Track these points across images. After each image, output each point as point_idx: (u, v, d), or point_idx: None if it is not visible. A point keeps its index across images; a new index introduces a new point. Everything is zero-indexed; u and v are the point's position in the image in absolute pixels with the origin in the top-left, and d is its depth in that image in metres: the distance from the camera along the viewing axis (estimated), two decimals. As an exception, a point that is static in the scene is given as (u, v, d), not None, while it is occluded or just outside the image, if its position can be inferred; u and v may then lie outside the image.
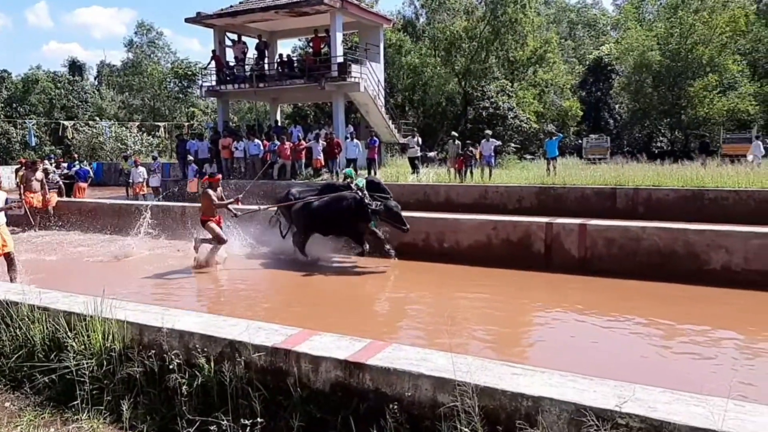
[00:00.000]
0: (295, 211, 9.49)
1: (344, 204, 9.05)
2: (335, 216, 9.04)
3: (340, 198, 9.18)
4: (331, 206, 9.18)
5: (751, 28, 36.44)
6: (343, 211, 8.98)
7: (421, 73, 35.64)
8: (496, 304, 7.17)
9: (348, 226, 9.07)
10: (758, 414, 2.66)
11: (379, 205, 8.82)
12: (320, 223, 9.21)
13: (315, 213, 9.23)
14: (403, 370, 3.34)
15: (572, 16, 51.50)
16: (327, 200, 9.32)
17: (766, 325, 6.01)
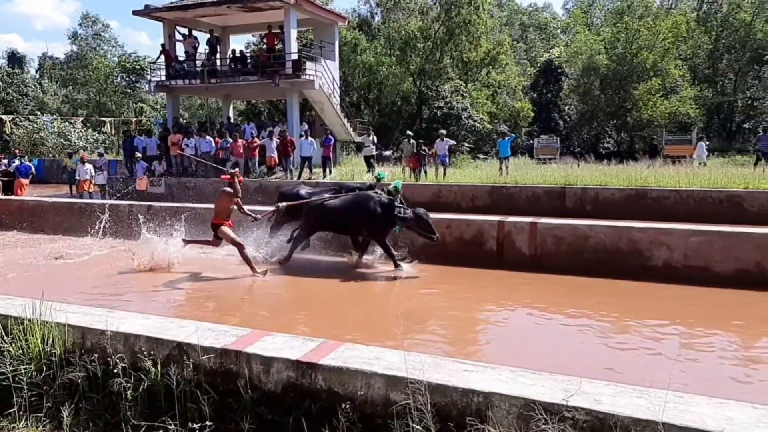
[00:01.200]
0: (310, 209, 8.95)
1: (371, 204, 8.52)
2: (358, 214, 8.54)
3: (368, 197, 8.68)
4: (355, 204, 8.68)
5: (692, 35, 38.16)
6: (369, 211, 8.46)
7: (376, 72, 35.72)
8: (450, 302, 7.24)
9: (370, 228, 8.58)
10: (696, 404, 2.77)
11: (408, 212, 8.38)
12: (338, 220, 8.70)
13: (335, 210, 8.74)
14: (356, 369, 3.33)
15: (524, 18, 52.67)
16: (352, 198, 8.86)
17: (705, 319, 6.29)
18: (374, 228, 8.58)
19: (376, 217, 8.43)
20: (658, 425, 2.58)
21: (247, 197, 15.39)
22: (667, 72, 35.66)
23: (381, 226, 8.50)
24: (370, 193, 8.82)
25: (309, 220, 8.98)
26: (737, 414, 2.66)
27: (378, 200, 8.55)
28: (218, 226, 8.42)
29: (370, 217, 8.46)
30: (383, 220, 8.42)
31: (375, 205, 8.50)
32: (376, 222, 8.48)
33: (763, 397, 4.34)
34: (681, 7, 42.58)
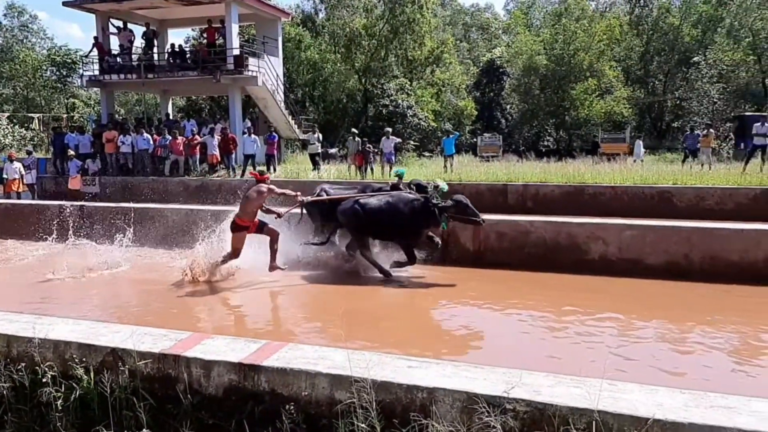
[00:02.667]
0: (345, 211, 8.18)
1: (410, 205, 7.98)
2: (399, 219, 7.89)
3: (406, 198, 8.09)
4: (394, 207, 7.99)
5: (625, 37, 39.85)
6: (409, 214, 7.88)
7: (321, 69, 35.48)
8: (396, 299, 7.28)
9: (411, 231, 7.99)
10: (628, 392, 2.89)
11: (446, 201, 7.86)
12: (377, 226, 8.02)
13: (373, 213, 7.98)
14: (300, 370, 3.29)
15: (467, 19, 53.60)
16: (388, 200, 8.13)
17: (638, 310, 6.57)
18: (412, 232, 7.95)
19: (418, 218, 7.87)
20: (593, 413, 2.67)
21: (187, 196, 15.01)
22: (602, 73, 37.09)
23: (423, 227, 7.95)
24: (406, 193, 8.23)
25: (354, 222, 8.08)
26: (667, 399, 2.79)
27: (414, 200, 7.99)
28: (242, 227, 7.66)
29: (412, 219, 7.86)
30: (426, 220, 7.87)
31: (411, 206, 7.94)
32: (416, 224, 7.90)
33: (690, 382, 4.58)
34: (615, 10, 44.37)
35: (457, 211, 7.86)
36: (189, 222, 9.89)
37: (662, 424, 2.59)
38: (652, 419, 2.60)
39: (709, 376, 4.81)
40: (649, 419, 2.60)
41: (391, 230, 7.99)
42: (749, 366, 5.06)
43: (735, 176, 13.47)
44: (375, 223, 7.98)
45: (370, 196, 8.34)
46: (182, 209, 10.85)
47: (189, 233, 9.06)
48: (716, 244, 7.79)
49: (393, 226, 7.94)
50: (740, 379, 4.74)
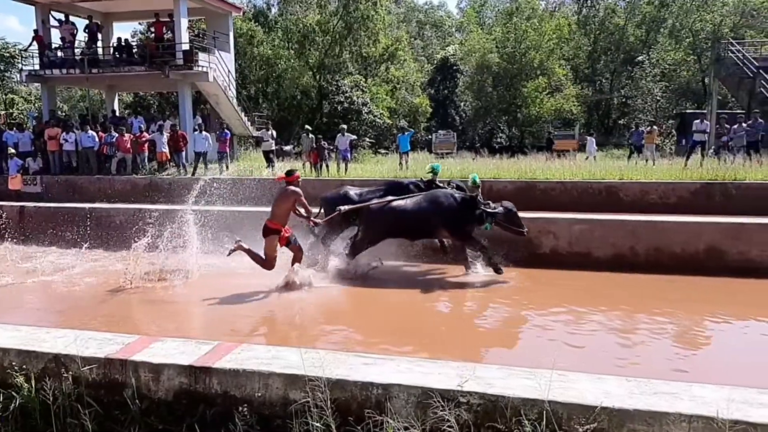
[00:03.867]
0: (374, 212, 7.93)
1: (450, 202, 7.77)
2: (437, 215, 7.73)
3: (445, 195, 7.92)
4: (432, 203, 7.82)
5: (573, 37, 40.93)
6: (450, 210, 7.72)
7: (274, 65, 35.02)
8: (347, 297, 7.26)
9: (452, 229, 7.82)
10: (577, 381, 2.96)
11: (497, 207, 7.75)
12: (413, 224, 7.78)
13: (409, 212, 7.78)
14: (253, 371, 3.24)
15: (420, 16, 53.85)
16: (426, 197, 7.96)
17: (587, 301, 6.77)
18: (457, 229, 7.77)
19: (458, 216, 7.67)
20: (544, 403, 2.72)
21: (136, 196, 14.54)
22: (552, 71, 38.00)
23: (465, 226, 7.76)
24: (446, 191, 8.07)
25: (376, 226, 7.86)
26: (613, 387, 2.87)
27: (457, 197, 7.81)
28: (274, 231, 7.20)
29: (452, 217, 7.67)
30: (467, 218, 7.71)
31: (455, 203, 7.75)
32: (459, 222, 7.72)
33: (637, 370, 4.74)
34: (563, 10, 45.52)
35: (505, 218, 7.76)
36: (137, 222, 9.58)
37: (609, 411, 2.67)
38: (599, 407, 2.67)
39: (655, 363, 4.99)
40: (596, 407, 2.67)
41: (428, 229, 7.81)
42: (691, 353, 5.29)
43: (677, 171, 14.03)
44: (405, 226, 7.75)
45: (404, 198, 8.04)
46: (130, 209, 10.51)
47: (137, 234, 8.78)
48: (660, 237, 8.11)
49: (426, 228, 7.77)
50: (683, 365, 4.94)
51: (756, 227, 8.03)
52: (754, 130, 16.13)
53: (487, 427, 2.84)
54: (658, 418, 2.61)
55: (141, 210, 10.25)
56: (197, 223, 8.70)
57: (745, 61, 23.65)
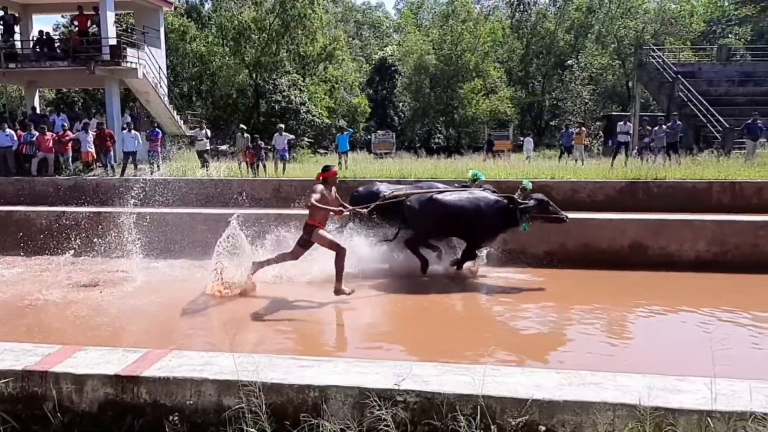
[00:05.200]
0: (416, 209, 7.69)
1: (489, 205, 7.64)
2: (479, 218, 7.54)
3: (485, 197, 7.75)
4: (473, 206, 7.62)
5: (507, 40, 42.14)
6: (490, 214, 7.55)
7: (208, 63, 34.08)
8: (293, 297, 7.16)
9: (491, 232, 7.68)
10: (510, 375, 3.04)
11: (527, 201, 7.57)
12: (456, 222, 7.60)
13: (457, 208, 7.59)
14: (185, 378, 3.13)
15: (358, 16, 53.89)
16: (468, 197, 7.76)
17: (522, 297, 6.98)
18: (486, 232, 7.66)
19: (498, 220, 7.57)
20: (479, 398, 2.77)
21: (59, 198, 13.77)
22: (487, 73, 38.99)
23: (502, 229, 7.68)
24: (485, 193, 7.88)
25: (424, 221, 7.63)
26: (544, 380, 2.97)
27: (501, 200, 7.68)
28: (313, 227, 6.91)
29: (489, 218, 7.55)
30: (505, 223, 7.61)
31: (500, 206, 7.62)
32: (496, 227, 7.63)
33: (564, 363, 4.92)
34: (497, 14, 46.79)
35: (539, 210, 7.61)
36: (60, 226, 9.10)
37: (540, 403, 2.75)
38: (530, 400, 2.75)
39: (583, 354, 5.20)
40: (528, 400, 2.75)
41: (468, 229, 7.64)
42: (617, 343, 5.55)
43: (604, 171, 14.67)
44: (451, 221, 7.61)
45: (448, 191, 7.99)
46: (53, 212, 9.95)
47: (60, 238, 8.32)
48: (588, 233, 8.46)
49: (471, 226, 7.59)
50: (609, 356, 5.17)
51: (675, 224, 8.54)
52: (673, 131, 17.12)
53: (424, 425, 2.86)
54: (585, 407, 2.71)
55: (65, 213, 9.72)
56: (136, 226, 8.37)
57: (665, 66, 25.12)
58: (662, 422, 2.60)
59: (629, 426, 2.62)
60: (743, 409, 2.55)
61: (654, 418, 2.59)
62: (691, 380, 2.91)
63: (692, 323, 5.93)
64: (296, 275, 7.74)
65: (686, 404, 2.66)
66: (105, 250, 8.68)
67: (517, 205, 7.51)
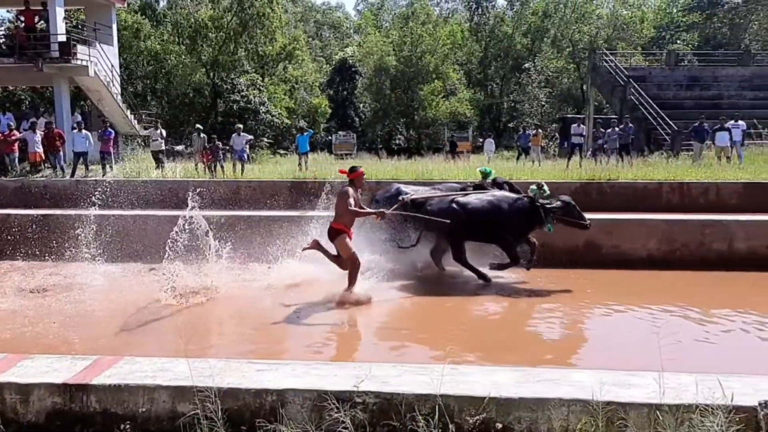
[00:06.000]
0: (440, 212, 7.49)
1: (513, 205, 7.58)
2: (503, 219, 7.49)
3: (508, 197, 7.72)
4: (497, 207, 7.57)
5: (466, 43, 42.66)
6: (514, 214, 7.50)
7: (163, 61, 33.27)
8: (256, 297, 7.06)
9: (517, 232, 7.60)
10: (468, 374, 3.07)
11: (554, 202, 7.51)
12: (478, 228, 7.50)
13: (475, 214, 7.51)
14: (137, 385, 3.05)
15: (318, 16, 53.63)
16: (490, 199, 7.69)
17: (481, 294, 7.07)
18: (515, 232, 7.57)
19: (523, 220, 7.52)
20: (437, 397, 2.79)
21: (5, 200, 13.19)
22: (447, 75, 39.37)
23: (528, 228, 7.60)
24: (509, 193, 7.86)
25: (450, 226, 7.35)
26: (501, 378, 3.01)
27: (521, 200, 7.66)
28: (339, 232, 6.71)
29: (518, 220, 7.50)
30: (530, 222, 7.55)
31: (520, 206, 7.59)
32: (522, 227, 7.56)
33: (523, 361, 5.00)
34: (456, 17, 47.32)
35: (564, 213, 7.57)
36: (6, 229, 8.72)
37: (497, 401, 2.79)
38: (488, 397, 2.78)
39: (541, 351, 5.30)
40: (485, 398, 2.78)
41: (493, 232, 7.57)
42: (570, 339, 5.68)
43: (560, 171, 15.01)
44: (475, 225, 7.50)
45: (468, 194, 7.89)
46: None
47: (6, 242, 7.98)
48: (544, 233, 8.61)
49: (496, 228, 7.52)
50: (566, 352, 5.29)
51: (627, 223, 8.80)
52: (625, 133, 17.67)
53: (383, 425, 2.86)
54: (540, 404, 2.76)
55: (10, 216, 9.32)
56: (88, 229, 8.08)
57: (617, 70, 25.91)
58: (614, 416, 2.67)
59: (582, 421, 2.68)
60: (690, 402, 2.64)
61: (606, 412, 2.66)
62: (642, 375, 3.01)
63: (643, 319, 6.12)
64: (253, 280, 7.65)
65: (637, 398, 2.75)
66: (55, 254, 8.37)
67: (541, 206, 7.48)
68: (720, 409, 2.51)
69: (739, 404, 2.62)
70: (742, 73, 26.53)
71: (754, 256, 8.19)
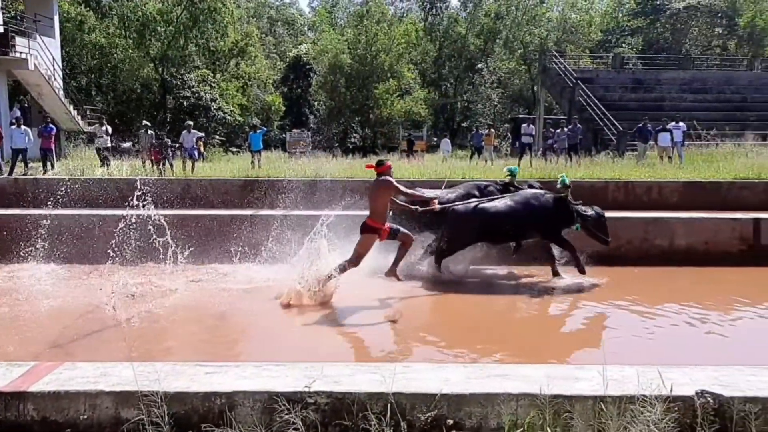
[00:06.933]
0: (463, 213, 7.56)
1: (545, 203, 7.64)
2: (532, 218, 7.53)
3: (537, 195, 7.78)
4: (527, 205, 7.61)
5: (420, 42, 42.97)
6: (543, 214, 7.55)
7: (109, 55, 32.11)
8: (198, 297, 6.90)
9: (547, 231, 7.61)
10: (420, 371, 3.09)
11: (588, 210, 7.66)
12: (505, 227, 7.53)
13: (503, 214, 7.53)
14: (78, 391, 2.93)
15: (272, 12, 52.88)
16: (519, 199, 7.74)
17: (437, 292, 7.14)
18: (549, 230, 7.63)
19: (551, 217, 7.57)
20: (389, 396, 2.79)
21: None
22: (402, 74, 39.55)
23: (558, 227, 7.62)
24: (536, 192, 7.94)
25: (466, 228, 7.47)
26: (452, 374, 3.04)
27: (550, 198, 7.72)
28: (373, 229, 6.46)
29: (546, 218, 7.55)
30: (560, 219, 7.59)
31: (549, 204, 7.65)
32: (553, 224, 7.60)
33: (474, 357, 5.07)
34: (411, 16, 47.59)
35: (594, 224, 7.70)
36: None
37: (448, 397, 2.81)
38: (439, 394, 2.81)
39: (495, 346, 5.39)
40: (437, 395, 2.80)
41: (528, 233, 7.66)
42: (522, 336, 5.80)
43: (511, 170, 15.31)
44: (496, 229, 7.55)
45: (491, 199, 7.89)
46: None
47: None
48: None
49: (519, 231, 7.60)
50: (515, 348, 5.39)
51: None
52: (574, 134, 18.20)
53: (335, 425, 2.84)
54: (490, 399, 2.80)
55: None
56: (28, 228, 7.71)
57: (566, 72, 26.65)
58: (560, 409, 2.74)
59: (531, 414, 2.74)
60: (632, 393, 2.73)
61: (553, 405, 2.72)
62: (587, 368, 3.10)
63: (589, 314, 6.32)
64: (205, 281, 7.49)
65: (582, 391, 2.82)
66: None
67: (575, 208, 7.63)
68: (658, 400, 2.60)
69: (678, 394, 2.73)
70: (683, 77, 27.75)
71: (694, 252, 8.56)
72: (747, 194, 11.16)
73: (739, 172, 12.12)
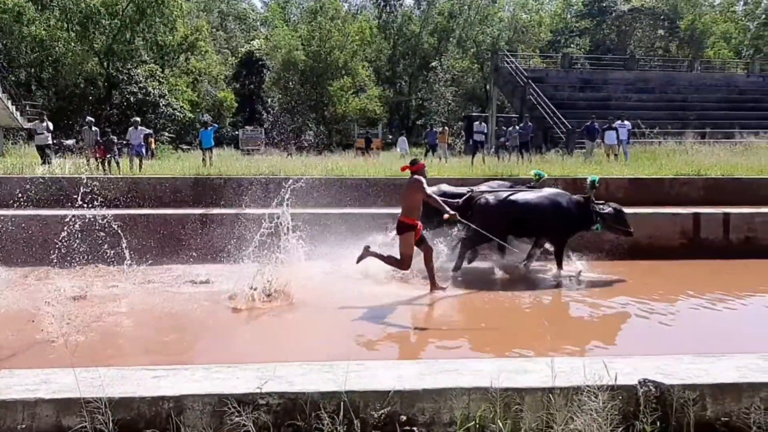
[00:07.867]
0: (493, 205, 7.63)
1: (569, 202, 7.74)
2: (554, 217, 7.61)
3: (562, 194, 7.94)
4: (550, 204, 7.69)
5: (375, 40, 42.98)
6: (565, 213, 7.65)
7: (50, 48, 30.77)
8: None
9: (566, 231, 7.73)
10: (373, 368, 3.09)
11: (606, 208, 7.75)
12: (529, 222, 7.60)
13: (532, 208, 7.61)
14: (15, 399, 2.80)
15: (222, 6, 51.81)
16: (544, 196, 7.83)
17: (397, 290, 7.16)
18: (563, 231, 7.74)
19: (577, 218, 7.67)
20: (342, 394, 2.78)
21: None
22: (356, 72, 39.48)
23: (578, 227, 7.75)
24: (561, 191, 8.11)
25: (493, 221, 7.38)
26: (405, 371, 3.05)
27: (574, 199, 7.83)
28: (409, 227, 6.53)
29: (565, 218, 7.66)
30: (583, 221, 7.69)
31: (571, 205, 7.76)
32: (575, 224, 7.71)
33: (425, 354, 5.11)
34: (365, 13, 47.56)
35: (615, 220, 7.79)
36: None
37: (401, 393, 2.82)
38: (392, 391, 2.81)
39: (445, 343, 5.45)
40: (390, 391, 2.81)
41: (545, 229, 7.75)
42: (474, 331, 5.89)
43: (465, 168, 15.51)
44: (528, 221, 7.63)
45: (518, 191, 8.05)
46: None
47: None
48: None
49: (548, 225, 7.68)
50: (469, 343, 5.47)
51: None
52: (525, 132, 18.58)
53: (287, 426, 2.81)
54: (442, 394, 2.83)
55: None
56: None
57: (518, 71, 27.19)
58: (511, 402, 2.79)
59: (482, 408, 2.77)
60: (579, 384, 2.81)
61: (504, 398, 2.77)
62: (536, 361, 3.16)
63: (538, 308, 6.47)
64: (155, 282, 7.28)
65: (531, 383, 2.88)
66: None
67: (595, 208, 7.73)
68: (602, 390, 2.69)
69: (621, 383, 2.83)
70: (628, 77, 28.77)
71: (638, 246, 8.88)
72: (687, 190, 11.63)
73: (680, 169, 12.61)
